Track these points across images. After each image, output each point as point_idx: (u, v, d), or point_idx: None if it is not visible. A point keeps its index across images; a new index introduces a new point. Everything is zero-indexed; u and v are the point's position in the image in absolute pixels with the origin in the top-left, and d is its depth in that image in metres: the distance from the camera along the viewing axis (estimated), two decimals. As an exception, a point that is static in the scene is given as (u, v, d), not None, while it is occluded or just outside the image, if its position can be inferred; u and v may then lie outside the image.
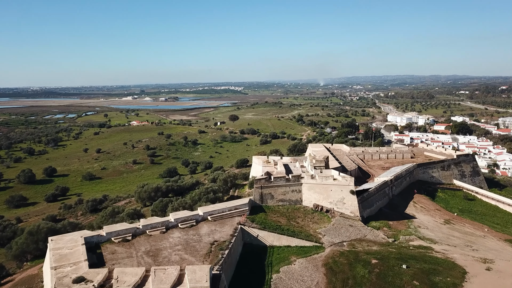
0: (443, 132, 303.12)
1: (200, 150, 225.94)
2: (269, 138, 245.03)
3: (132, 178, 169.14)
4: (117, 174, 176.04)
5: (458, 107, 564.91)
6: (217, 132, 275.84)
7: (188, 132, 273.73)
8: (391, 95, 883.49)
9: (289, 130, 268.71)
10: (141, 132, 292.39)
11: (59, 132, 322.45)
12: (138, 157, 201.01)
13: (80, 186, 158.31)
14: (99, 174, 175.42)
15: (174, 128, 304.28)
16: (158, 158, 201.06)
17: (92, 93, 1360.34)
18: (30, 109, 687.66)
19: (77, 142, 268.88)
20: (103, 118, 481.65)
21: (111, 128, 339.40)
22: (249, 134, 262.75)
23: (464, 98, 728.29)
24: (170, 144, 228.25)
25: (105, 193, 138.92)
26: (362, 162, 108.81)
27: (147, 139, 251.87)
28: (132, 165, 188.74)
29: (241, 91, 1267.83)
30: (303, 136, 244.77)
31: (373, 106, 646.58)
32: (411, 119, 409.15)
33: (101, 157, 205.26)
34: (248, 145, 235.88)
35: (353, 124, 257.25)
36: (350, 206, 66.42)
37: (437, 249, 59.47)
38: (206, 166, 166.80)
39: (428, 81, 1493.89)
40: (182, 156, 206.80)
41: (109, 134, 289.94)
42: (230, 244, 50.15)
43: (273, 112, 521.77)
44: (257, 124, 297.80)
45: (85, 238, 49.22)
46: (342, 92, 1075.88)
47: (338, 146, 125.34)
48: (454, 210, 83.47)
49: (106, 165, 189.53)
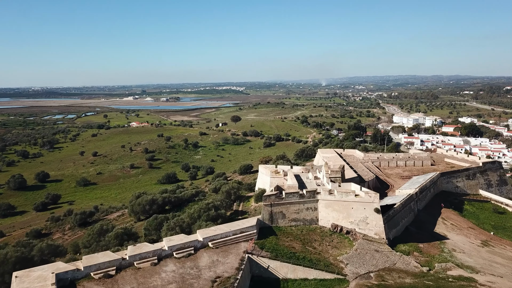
0: (452, 134, 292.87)
1: (201, 153, 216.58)
2: (273, 140, 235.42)
3: (128, 184, 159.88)
4: (113, 180, 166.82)
5: (463, 108, 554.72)
6: (218, 134, 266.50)
7: (189, 134, 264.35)
8: (395, 96, 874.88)
9: (294, 132, 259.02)
10: (140, 134, 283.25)
11: (57, 133, 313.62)
12: (136, 161, 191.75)
13: (73, 193, 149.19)
14: (94, 180, 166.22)
15: (175, 130, 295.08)
16: (157, 162, 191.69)
17: (93, 93, 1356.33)
18: (29, 109, 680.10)
19: (74, 144, 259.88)
20: (102, 119, 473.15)
21: (110, 129, 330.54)
22: (252, 136, 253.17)
23: (469, 99, 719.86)
24: (169, 147, 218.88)
25: (99, 202, 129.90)
26: (379, 170, 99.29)
27: (146, 141, 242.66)
28: (130, 169, 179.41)
29: (243, 91, 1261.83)
30: (308, 139, 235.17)
31: (377, 106, 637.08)
32: (417, 120, 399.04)
33: (97, 161, 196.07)
34: (251, 148, 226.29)
35: (360, 126, 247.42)
36: (375, 226, 56.94)
37: (481, 281, 49.96)
38: (207, 171, 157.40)
39: (431, 81, 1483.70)
40: (182, 160, 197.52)
41: (107, 136, 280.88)
42: (235, 282, 40.79)
43: (276, 112, 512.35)
44: (260, 126, 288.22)
45: (58, 275, 39.89)
46: (344, 92, 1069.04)
47: (350, 152, 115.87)
48: (487, 226, 73.89)
49: (102, 170, 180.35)
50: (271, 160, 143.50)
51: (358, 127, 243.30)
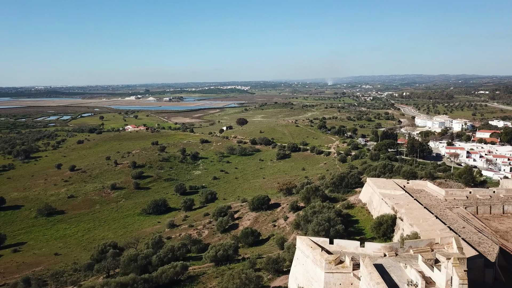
0: (492, 142, 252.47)
1: (201, 167, 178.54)
2: (288, 150, 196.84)
3: (105, 214, 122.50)
4: (87, 207, 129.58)
5: (486, 109, 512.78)
6: (222, 141, 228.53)
7: (188, 141, 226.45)
8: (406, 95, 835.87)
9: (311, 140, 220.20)
10: (133, 140, 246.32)
11: (40, 139, 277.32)
12: (120, 178, 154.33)
13: (29, 228, 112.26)
14: (62, 206, 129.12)
15: (172, 136, 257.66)
16: (146, 181, 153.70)
17: (96, 92, 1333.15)
18: (25, 110, 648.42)
19: (54, 153, 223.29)
20: (98, 121, 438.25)
21: (101, 134, 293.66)
22: (262, 145, 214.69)
23: (487, 99, 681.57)
24: (163, 159, 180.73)
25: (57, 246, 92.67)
26: (481, 224, 61.11)
27: (137, 150, 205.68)
28: (110, 191, 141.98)
29: (248, 90, 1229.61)
30: (330, 149, 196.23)
31: (391, 107, 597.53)
32: (443, 124, 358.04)
33: (74, 178, 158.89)
34: (262, 160, 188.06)
35: (391, 133, 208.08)
36: None
37: None
38: (207, 198, 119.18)
39: (438, 81, 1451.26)
40: (177, 177, 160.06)
41: (95, 143, 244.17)
42: None
43: (284, 114, 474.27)
44: (271, 132, 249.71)
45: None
46: (352, 91, 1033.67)
47: (418, 185, 77.53)
48: None
49: (76, 191, 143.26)
50: (294, 186, 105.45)
51: (388, 134, 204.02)
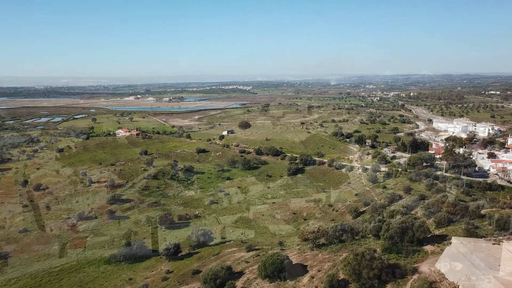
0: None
1: (195, 185, 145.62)
2: (300, 163, 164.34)
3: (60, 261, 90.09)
4: (40, 247, 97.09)
5: (503, 111, 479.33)
6: (222, 151, 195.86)
7: (182, 151, 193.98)
8: (414, 96, 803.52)
9: (327, 150, 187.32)
10: (120, 148, 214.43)
11: (18, 146, 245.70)
12: (92, 203, 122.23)
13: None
14: (9, 246, 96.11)
15: (166, 143, 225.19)
16: (124, 207, 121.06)
17: (96, 92, 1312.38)
18: (18, 110, 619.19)
19: (27, 164, 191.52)
20: (90, 123, 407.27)
21: (88, 139, 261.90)
22: (269, 156, 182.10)
23: (499, 100, 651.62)
24: (150, 176, 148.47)
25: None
26: None
27: (123, 161, 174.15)
28: (76, 222, 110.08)
29: (250, 90, 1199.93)
30: (352, 162, 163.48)
31: (401, 108, 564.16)
32: (466, 128, 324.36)
33: (36, 201, 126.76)
34: (270, 176, 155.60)
35: (421, 142, 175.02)
36: None
37: None
38: (199, 242, 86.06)
39: (442, 80, 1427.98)
40: (164, 202, 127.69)
41: (77, 152, 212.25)
42: None
43: (290, 116, 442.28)
44: (279, 139, 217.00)
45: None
46: (357, 91, 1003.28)
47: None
48: None
49: (33, 221, 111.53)
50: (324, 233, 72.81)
51: (419, 143, 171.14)
